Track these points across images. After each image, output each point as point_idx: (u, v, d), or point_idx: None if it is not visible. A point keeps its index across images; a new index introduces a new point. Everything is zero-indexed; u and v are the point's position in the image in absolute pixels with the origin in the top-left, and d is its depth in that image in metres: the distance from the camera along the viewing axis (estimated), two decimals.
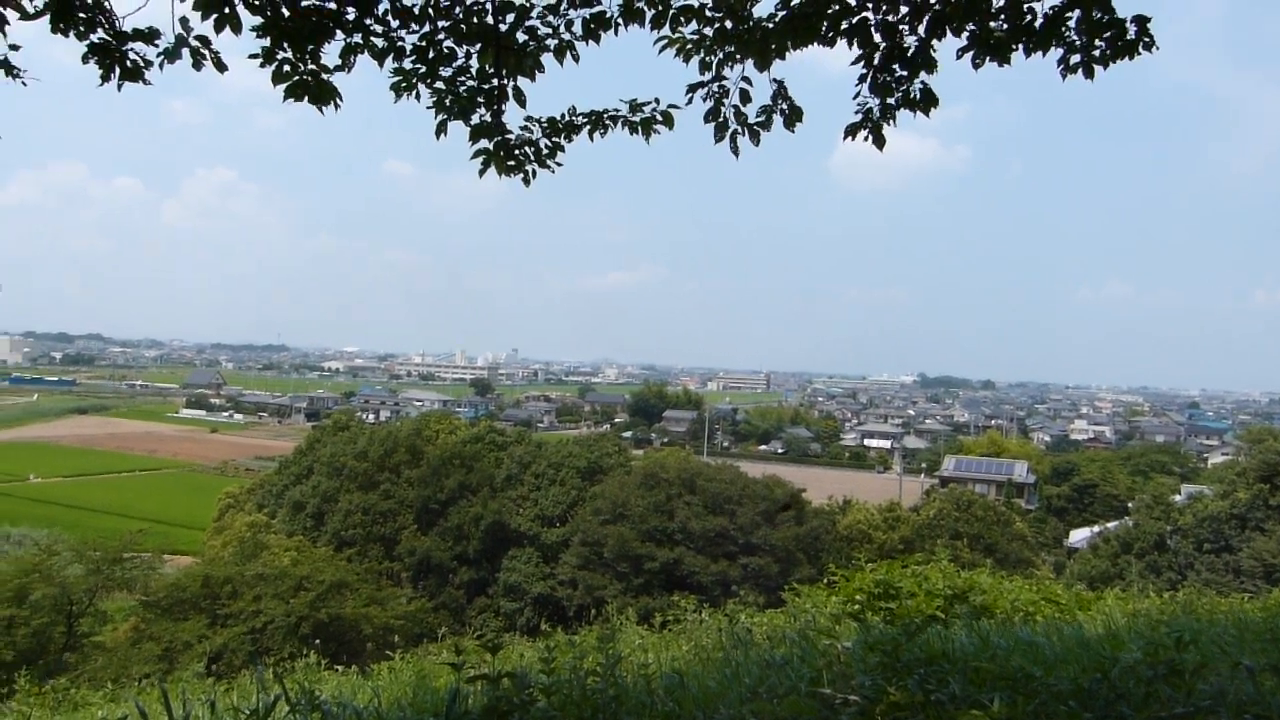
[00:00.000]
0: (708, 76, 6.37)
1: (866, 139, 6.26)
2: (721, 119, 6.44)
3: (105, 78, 5.11)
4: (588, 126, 6.66)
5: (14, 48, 5.00)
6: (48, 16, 4.83)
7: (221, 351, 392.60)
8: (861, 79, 6.05)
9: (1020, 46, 5.60)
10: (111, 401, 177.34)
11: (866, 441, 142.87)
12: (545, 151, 6.63)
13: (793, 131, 6.46)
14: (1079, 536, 56.45)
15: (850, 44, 5.85)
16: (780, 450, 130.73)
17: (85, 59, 5.03)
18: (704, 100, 6.43)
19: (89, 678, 19.15)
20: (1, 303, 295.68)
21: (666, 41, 6.35)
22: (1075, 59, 5.61)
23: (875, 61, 5.94)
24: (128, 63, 5.12)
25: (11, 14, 4.67)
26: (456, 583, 42.76)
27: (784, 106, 6.43)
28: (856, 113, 6.22)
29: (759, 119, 6.45)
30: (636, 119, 6.58)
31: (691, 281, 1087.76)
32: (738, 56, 6.35)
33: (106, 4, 4.93)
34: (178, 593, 26.59)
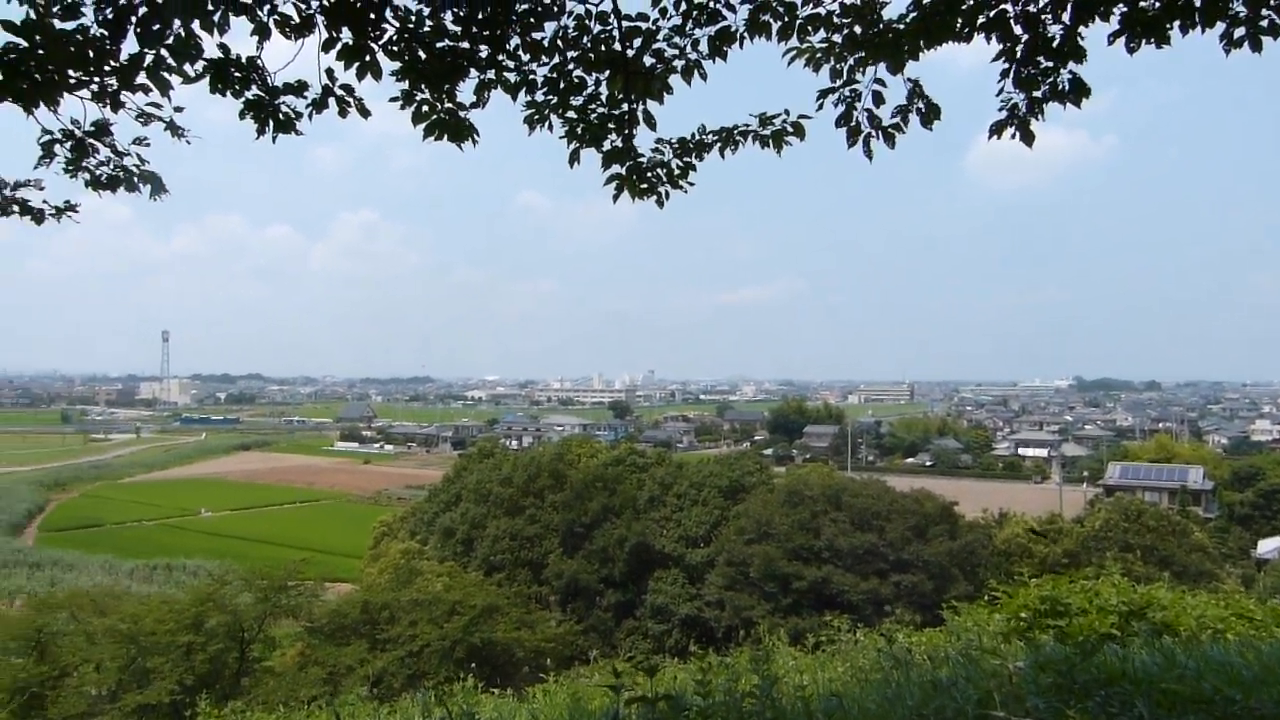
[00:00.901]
0: (838, 82, 6.25)
1: (1013, 136, 6.01)
2: (854, 123, 6.29)
3: (260, 131, 5.40)
4: (718, 144, 6.63)
5: (178, 109, 5.34)
6: (207, 79, 5.12)
7: (371, 385, 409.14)
8: (1004, 74, 5.82)
9: (1177, 24, 5.25)
10: (272, 437, 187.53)
11: (1021, 450, 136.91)
12: (677, 172, 6.64)
13: (930, 129, 6.25)
14: (1268, 546, 52.48)
15: (988, 39, 5.63)
16: (928, 463, 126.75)
17: (242, 115, 5.33)
18: (835, 106, 6.30)
19: (261, 701, 20.00)
20: (170, 349, 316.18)
21: (795, 52, 6.26)
22: (1239, 32, 5.23)
23: (1018, 55, 5.69)
24: (280, 115, 5.39)
25: (175, 78, 4.98)
26: (604, 605, 43.05)
27: (920, 105, 6.23)
28: (1000, 109, 5.98)
29: (893, 120, 6.28)
30: (767, 132, 6.51)
31: (827, 293, 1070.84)
32: (869, 61, 6.21)
33: (259, 62, 5.20)
34: (339, 619, 27.61)
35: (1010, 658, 5.34)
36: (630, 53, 5.98)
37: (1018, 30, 5.61)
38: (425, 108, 5.70)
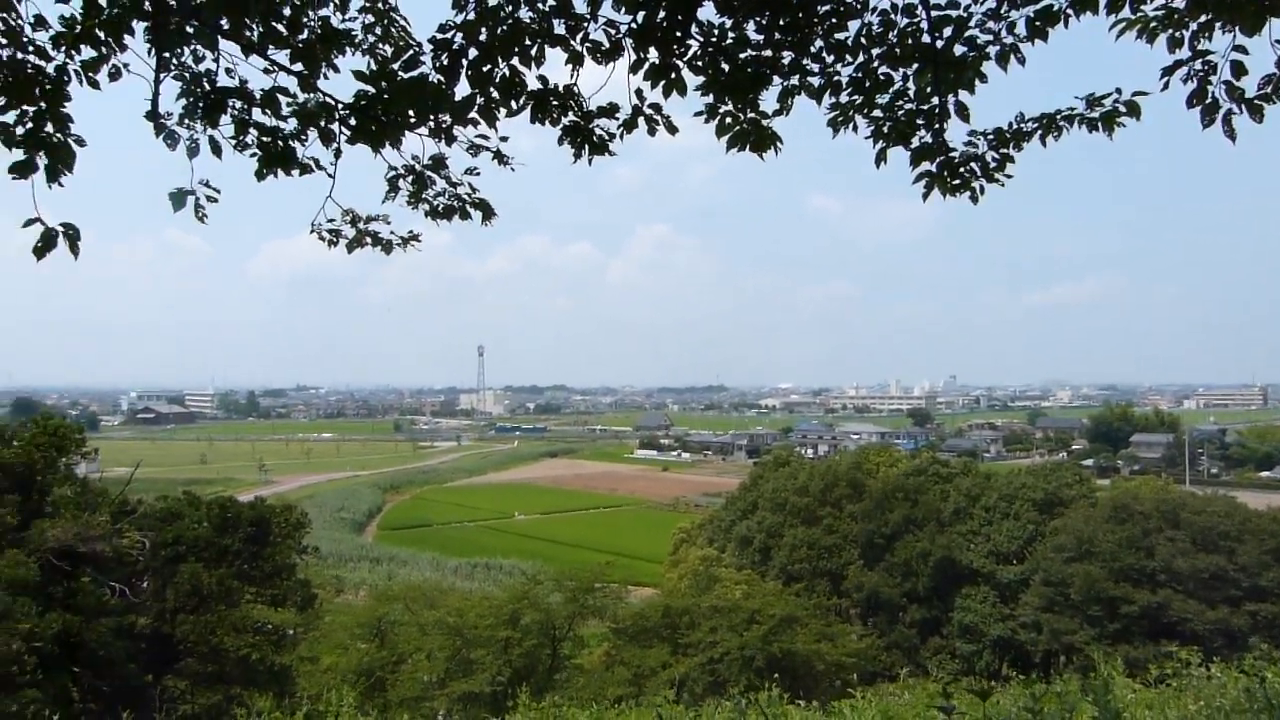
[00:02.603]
0: (1184, 54, 5.58)
1: None
2: (1210, 99, 5.59)
3: (577, 155, 5.65)
4: (1039, 131, 6.14)
5: (504, 139, 5.69)
6: (528, 109, 5.43)
7: (667, 394, 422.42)
8: None
9: None
10: (576, 445, 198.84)
11: None
12: (993, 165, 6.22)
13: None
14: None
15: None
16: None
17: (560, 141, 5.61)
18: (1183, 82, 5.63)
19: (571, 697, 20.96)
20: (485, 362, 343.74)
21: (1125, 24, 5.68)
22: None
23: None
24: (594, 138, 5.61)
25: (501, 111, 5.33)
26: (907, 621, 41.64)
27: None
28: None
29: (1261, 91, 5.51)
30: (1095, 114, 5.94)
31: (1155, 289, 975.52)
32: (1218, 25, 5.50)
33: (575, 89, 5.45)
34: (642, 621, 28.47)
35: None
36: (940, 43, 5.67)
37: None
38: (729, 119, 5.70)
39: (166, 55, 5.12)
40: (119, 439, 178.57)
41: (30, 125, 4.90)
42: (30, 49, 4.89)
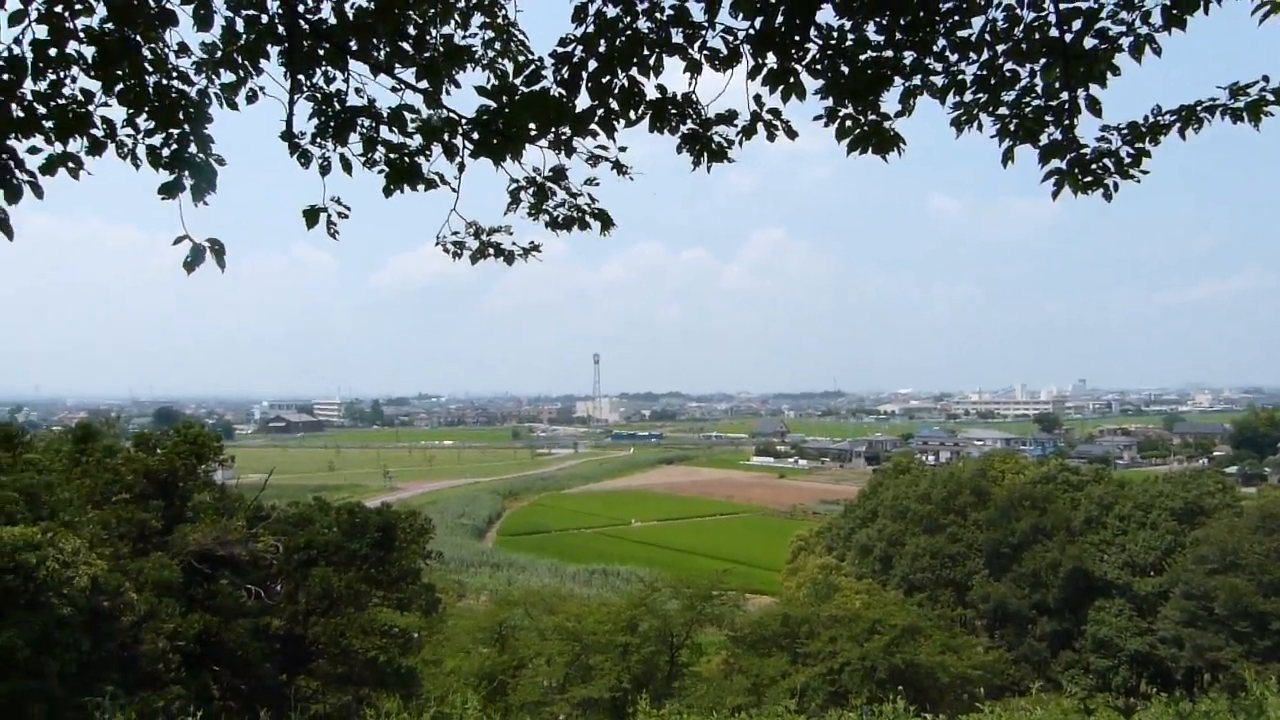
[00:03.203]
0: None
1: None
2: None
3: (696, 162, 5.65)
4: (1177, 124, 5.84)
5: (622, 149, 5.74)
6: (647, 119, 5.46)
7: (783, 400, 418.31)
8: None
9: None
10: (692, 452, 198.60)
11: None
12: (1127, 160, 5.95)
13: None
14: None
15: None
16: None
17: (679, 149, 5.62)
18: None
19: (690, 704, 20.88)
20: (600, 370, 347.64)
21: (1271, 7, 5.37)
22: None
23: None
24: (713, 145, 5.61)
25: (620, 121, 5.37)
26: (1037, 634, 40.17)
27: None
28: None
29: None
30: (1240, 104, 5.62)
31: None
32: None
33: (694, 96, 5.45)
34: (760, 630, 28.28)
35: None
36: (1069, 37, 5.47)
37: None
38: (849, 122, 5.61)
39: (300, 77, 5.35)
40: (252, 447, 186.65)
41: (175, 147, 5.20)
42: (175, 75, 5.18)
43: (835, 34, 5.32)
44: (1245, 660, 27.95)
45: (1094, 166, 5.97)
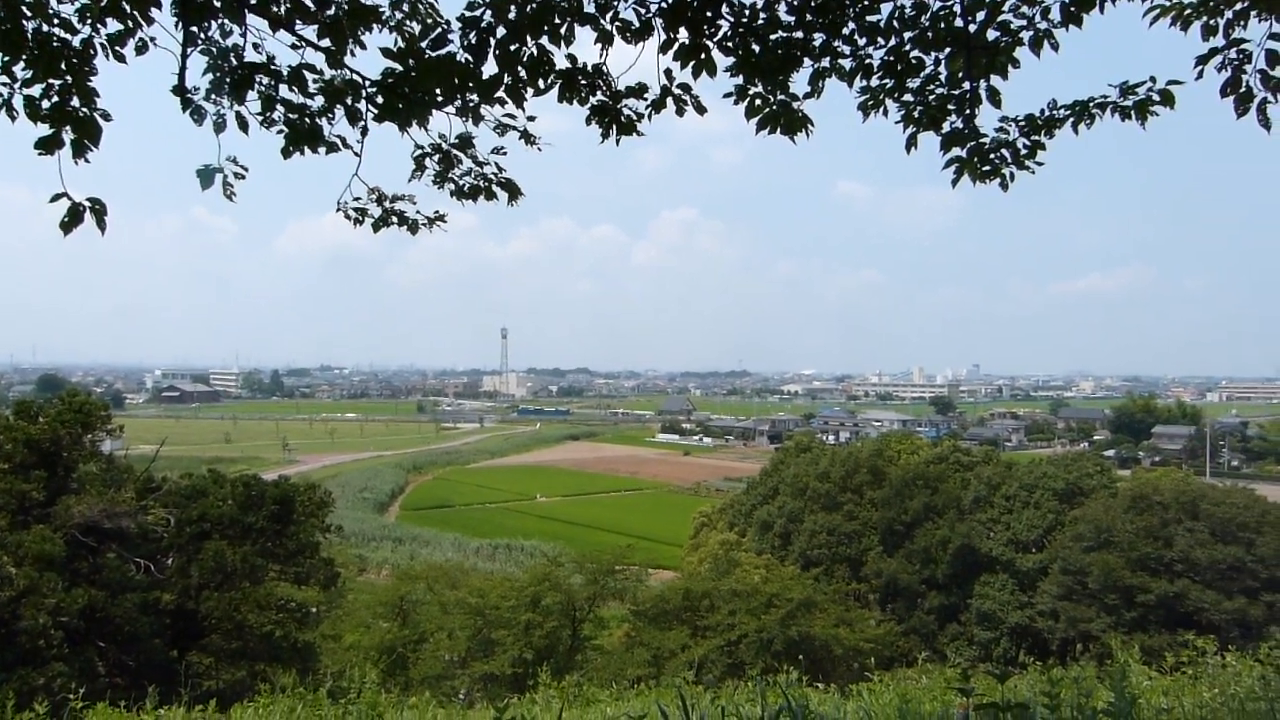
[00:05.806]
0: (1219, 43, 5.50)
1: None
2: (1244, 89, 5.50)
3: (605, 135, 5.61)
4: (1070, 119, 6.06)
5: (531, 118, 5.67)
6: (556, 88, 5.40)
7: (690, 379, 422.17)
8: None
9: None
10: (598, 428, 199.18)
11: None
12: (1024, 152, 6.15)
13: None
14: None
15: None
16: None
17: (588, 121, 5.56)
18: (1218, 70, 5.55)
19: (591, 677, 21.05)
20: (508, 345, 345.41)
21: (1159, 10, 5.62)
22: None
23: None
24: (622, 118, 5.58)
25: (529, 90, 5.29)
26: (926, 608, 41.58)
27: None
28: None
29: None
30: (1129, 103, 5.86)
31: (1181, 281, 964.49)
32: (1253, 14, 5.43)
33: (604, 68, 5.41)
34: (662, 604, 28.54)
35: None
36: (973, 27, 5.61)
37: None
38: (759, 101, 5.66)
39: (193, 29, 5.09)
40: (144, 417, 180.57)
41: (56, 99, 4.87)
42: (56, 21, 4.86)
43: (747, 12, 5.35)
44: (1114, 631, 29.37)
45: (992, 156, 6.16)
